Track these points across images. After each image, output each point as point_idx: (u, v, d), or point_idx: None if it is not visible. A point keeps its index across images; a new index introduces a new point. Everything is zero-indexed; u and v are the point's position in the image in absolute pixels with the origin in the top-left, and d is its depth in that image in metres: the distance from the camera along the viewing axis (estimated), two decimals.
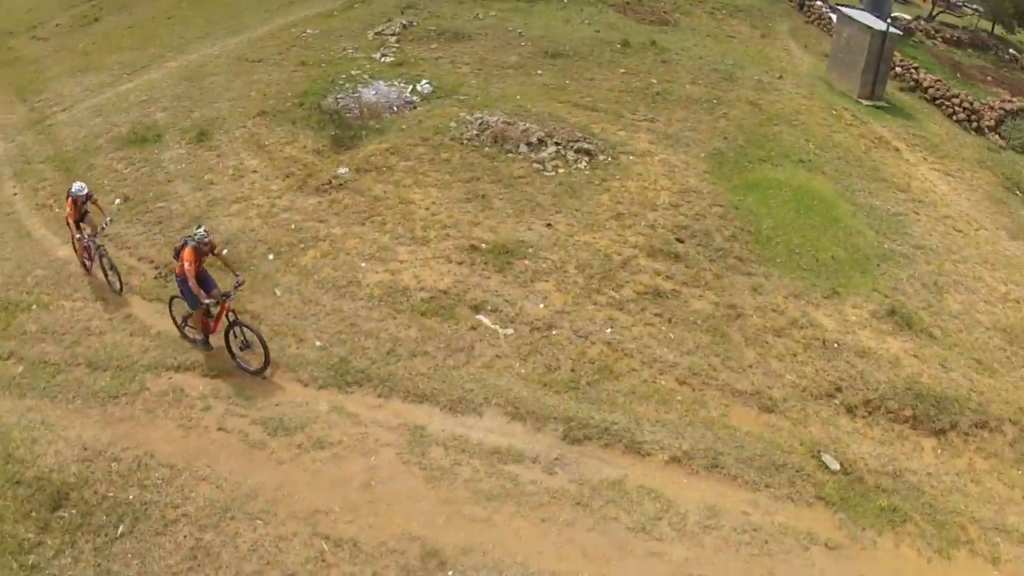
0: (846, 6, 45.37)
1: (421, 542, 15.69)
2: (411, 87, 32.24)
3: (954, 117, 42.71)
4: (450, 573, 15.34)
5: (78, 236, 22.17)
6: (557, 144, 28.28)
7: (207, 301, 18.66)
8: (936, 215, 30.94)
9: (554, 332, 21.12)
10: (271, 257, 23.09)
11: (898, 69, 45.72)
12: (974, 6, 63.96)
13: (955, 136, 40.33)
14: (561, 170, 27.30)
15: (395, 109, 30.61)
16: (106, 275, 22.21)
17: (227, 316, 18.98)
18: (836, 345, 22.33)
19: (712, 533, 16.80)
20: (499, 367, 19.98)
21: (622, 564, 15.89)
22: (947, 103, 43.42)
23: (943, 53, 54.39)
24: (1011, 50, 60.94)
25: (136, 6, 54.96)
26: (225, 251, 22.39)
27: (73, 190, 21.93)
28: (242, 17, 47.16)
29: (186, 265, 18.20)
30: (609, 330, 21.35)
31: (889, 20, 41.23)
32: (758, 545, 16.75)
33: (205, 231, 18.79)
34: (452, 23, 40.27)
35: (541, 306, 21.81)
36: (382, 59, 35.52)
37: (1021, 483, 20.27)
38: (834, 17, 46.68)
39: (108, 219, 22.71)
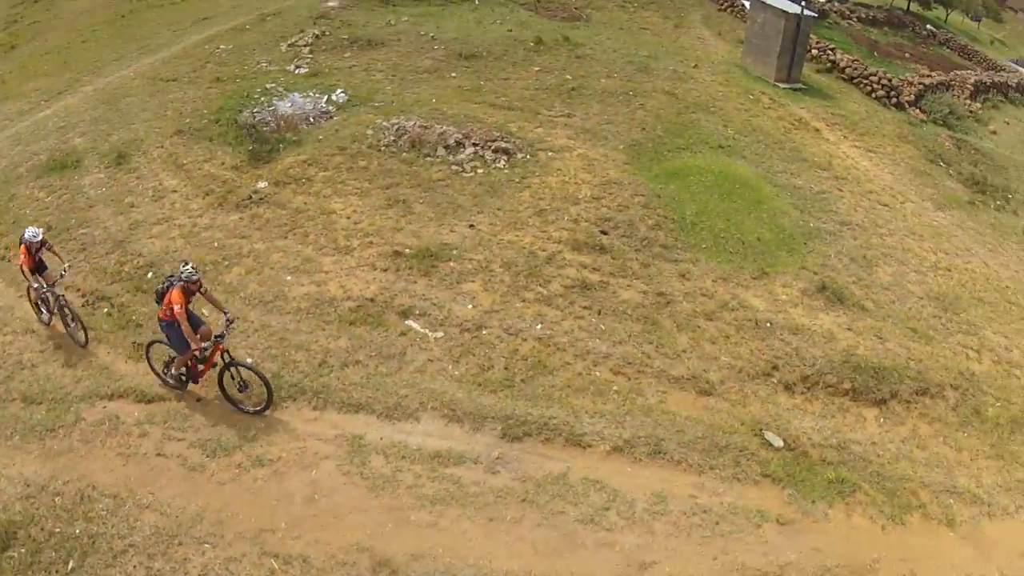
0: None
1: (370, 552, 15.83)
2: (326, 97, 32.32)
3: (873, 95, 43.89)
4: None
5: (35, 286, 20.83)
6: (475, 145, 28.58)
7: (204, 345, 18.15)
8: (860, 191, 31.83)
9: (484, 332, 21.39)
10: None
11: (814, 51, 46.86)
12: None
13: (875, 113, 41.38)
14: (480, 170, 27.62)
15: (311, 120, 30.64)
16: (67, 326, 21.11)
17: (222, 357, 18.48)
18: (769, 324, 22.89)
19: (661, 519, 17.16)
20: (432, 371, 20.18)
21: (574, 557, 16.16)
22: (865, 81, 44.59)
23: (859, 33, 55.63)
24: (928, 26, 62.51)
25: (52, 32, 54.60)
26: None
27: (26, 236, 20.39)
28: (156, 37, 46.86)
29: (176, 308, 17.52)
30: (539, 326, 21.69)
31: (803, 3, 42.01)
32: (709, 527, 17.17)
33: (193, 268, 17.95)
34: (364, 31, 40.38)
35: (469, 307, 22.07)
36: (296, 71, 35.57)
37: (968, 445, 21.04)
38: (747, 3, 47.51)
39: (67, 265, 21.39)
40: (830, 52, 47.11)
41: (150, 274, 22.81)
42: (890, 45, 56.11)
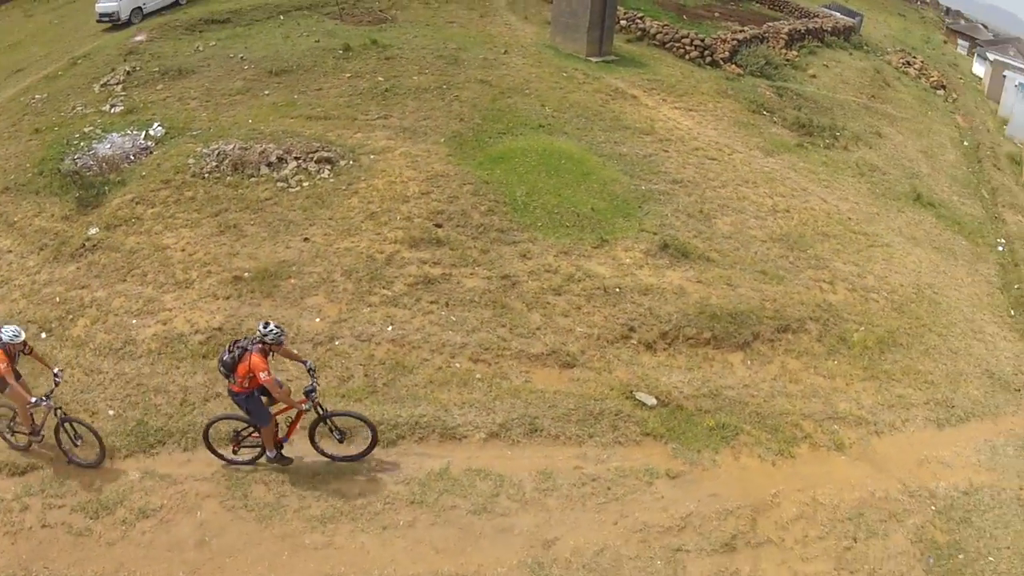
0: None
1: None
2: (144, 132, 31.85)
3: (687, 56, 45.65)
4: None
5: (32, 400, 17.35)
6: (297, 159, 28.74)
7: (305, 407, 17.35)
8: (686, 149, 33.18)
9: (337, 343, 21.64)
10: (44, 336, 22.49)
11: (623, 22, 48.42)
12: None
13: (691, 74, 42.93)
14: (306, 183, 27.77)
15: (132, 157, 30.15)
16: (69, 446, 18.39)
17: (316, 410, 17.60)
18: (617, 289, 23.78)
19: (553, 495, 17.81)
20: (293, 390, 20.12)
21: (476, 548, 16.63)
22: (677, 45, 46.33)
23: None
24: None
25: None
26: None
27: (5, 338, 17.24)
28: None
29: (263, 376, 16.56)
30: (390, 328, 22.06)
31: None
32: (602, 493, 17.91)
33: (277, 326, 16.90)
34: (174, 60, 39.87)
35: (317, 320, 22.27)
36: (112, 110, 35.02)
37: (840, 372, 22.54)
38: None
39: (58, 370, 18.49)
40: (639, 21, 48.72)
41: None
42: (699, 7, 58.09)
